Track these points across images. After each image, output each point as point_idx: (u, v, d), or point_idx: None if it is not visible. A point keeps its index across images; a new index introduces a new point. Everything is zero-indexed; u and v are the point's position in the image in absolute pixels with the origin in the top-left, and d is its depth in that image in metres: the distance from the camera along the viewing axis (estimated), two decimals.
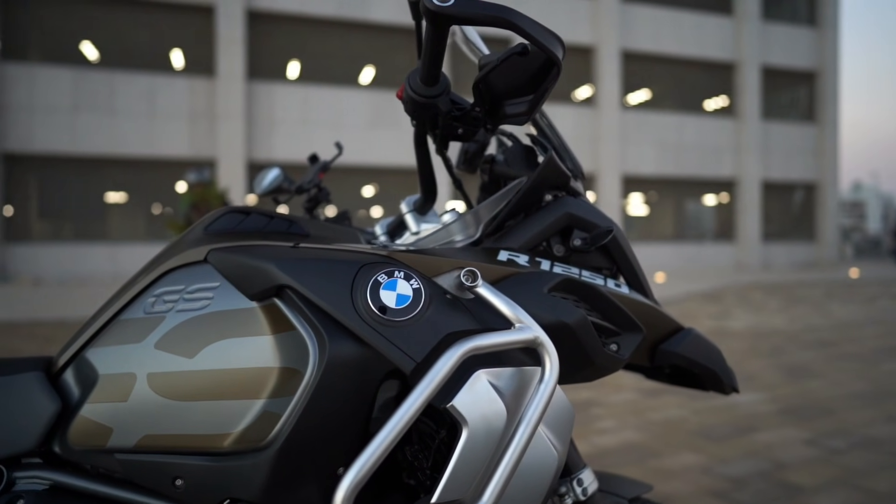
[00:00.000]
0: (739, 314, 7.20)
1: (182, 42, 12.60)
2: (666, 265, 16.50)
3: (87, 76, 11.81)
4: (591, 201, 0.86)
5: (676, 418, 3.05)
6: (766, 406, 3.27)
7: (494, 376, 0.62)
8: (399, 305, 0.62)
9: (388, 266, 0.65)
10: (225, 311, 0.69)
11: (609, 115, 15.67)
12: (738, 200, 17.35)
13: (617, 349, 0.75)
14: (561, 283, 0.71)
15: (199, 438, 0.65)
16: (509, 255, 0.75)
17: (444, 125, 0.73)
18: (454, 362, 0.58)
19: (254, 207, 0.82)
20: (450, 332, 0.62)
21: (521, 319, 0.63)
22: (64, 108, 11.67)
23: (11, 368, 0.74)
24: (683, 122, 16.67)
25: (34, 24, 11.72)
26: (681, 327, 0.82)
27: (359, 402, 0.62)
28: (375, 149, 13.82)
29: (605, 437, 2.74)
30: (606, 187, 15.70)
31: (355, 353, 0.62)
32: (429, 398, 0.57)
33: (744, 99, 17.10)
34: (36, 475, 0.72)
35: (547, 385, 0.62)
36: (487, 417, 0.60)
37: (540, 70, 0.67)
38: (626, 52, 16.25)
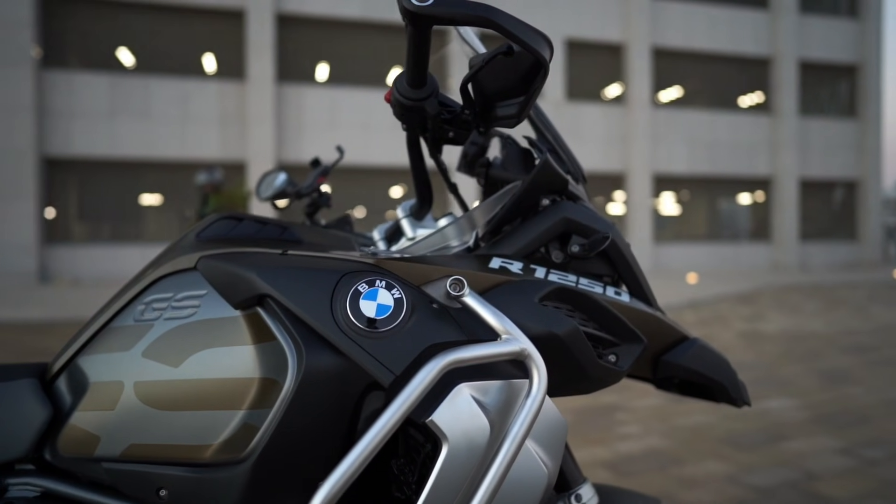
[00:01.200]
0: (774, 317, 7.00)
1: (213, 47, 12.85)
2: (699, 266, 16.15)
3: (123, 82, 12.13)
4: (591, 205, 0.82)
5: (703, 424, 2.96)
6: (799, 413, 3.16)
7: (478, 390, 0.60)
8: (379, 316, 0.60)
9: (370, 275, 0.63)
10: (210, 320, 0.68)
11: (639, 114, 15.42)
12: (775, 199, 16.89)
13: (615, 360, 0.72)
14: (553, 292, 0.68)
15: (183, 449, 0.65)
16: (502, 262, 0.72)
17: (433, 128, 0.71)
18: (434, 375, 0.56)
19: (246, 214, 0.82)
20: (432, 344, 0.60)
21: (507, 330, 0.61)
22: (101, 113, 12.02)
23: (5, 375, 0.75)
24: (716, 120, 16.30)
25: (73, 32, 12.10)
26: (686, 337, 0.78)
27: (339, 415, 0.61)
28: (405, 149, 13.86)
29: (628, 444, 2.68)
30: (637, 187, 15.45)
31: (334, 364, 0.60)
32: (407, 412, 0.55)
33: (780, 95, 16.63)
34: (28, 482, 0.72)
35: (534, 399, 0.60)
36: (469, 433, 0.58)
37: (530, 70, 0.64)
38: (657, 48, 15.96)
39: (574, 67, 15.39)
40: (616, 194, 15.75)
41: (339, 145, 1.27)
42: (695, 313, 7.36)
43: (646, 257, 15.45)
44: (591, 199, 1.50)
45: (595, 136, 15.37)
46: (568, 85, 15.35)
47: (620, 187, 15.81)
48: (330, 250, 0.75)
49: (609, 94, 15.74)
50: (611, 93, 15.75)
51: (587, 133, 15.29)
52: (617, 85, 15.78)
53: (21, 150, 11.45)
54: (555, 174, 0.74)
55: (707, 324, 6.47)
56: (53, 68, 11.92)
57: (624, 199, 15.84)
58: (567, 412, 3.21)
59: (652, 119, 15.74)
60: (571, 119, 15.15)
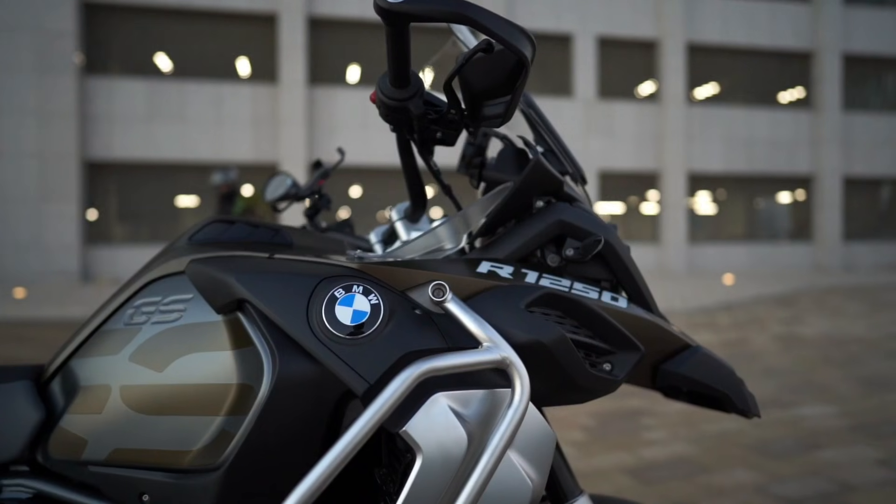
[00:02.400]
0: (813, 320, 6.76)
1: (246, 50, 13.08)
2: (736, 267, 15.74)
3: (161, 87, 12.46)
4: (589, 207, 0.79)
5: (733, 431, 2.87)
6: (836, 421, 3.03)
7: (457, 399, 0.58)
8: (354, 322, 0.59)
9: (348, 280, 0.62)
10: (195, 324, 0.67)
11: (673, 111, 15.11)
12: (816, 197, 16.33)
13: (611, 369, 0.69)
14: (541, 298, 0.66)
15: (164, 454, 0.64)
16: (491, 266, 0.70)
17: (420, 129, 0.69)
18: (408, 384, 0.54)
19: (238, 217, 0.81)
20: (409, 352, 0.58)
21: (489, 338, 0.59)
22: (140, 117, 12.37)
23: (1, 377, 0.76)
24: (754, 116, 15.86)
25: (113, 39, 12.48)
26: (687, 345, 0.75)
27: (314, 423, 0.59)
28: (437, 150, 13.88)
29: (652, 450, 2.61)
30: (671, 186, 15.14)
31: (308, 371, 0.59)
32: (379, 422, 0.53)
33: (822, 89, 16.08)
34: (22, 483, 0.73)
35: (516, 409, 0.57)
36: (444, 444, 0.56)
37: (515, 68, 0.62)
38: (692, 44, 15.62)
39: (606, 65, 15.18)
40: (649, 194, 15.47)
41: (340, 147, 1.27)
42: (729, 315, 7.17)
43: (680, 258, 15.13)
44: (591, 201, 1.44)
45: (628, 134, 15.12)
46: (600, 83, 15.15)
47: (654, 187, 15.52)
48: (321, 254, 0.74)
49: (642, 92, 15.46)
50: (644, 90, 15.47)
51: (620, 132, 15.05)
52: (650, 82, 15.50)
53: (64, 154, 11.87)
54: (547, 174, 0.71)
55: (742, 326, 6.29)
56: (95, 75, 12.31)
57: (658, 198, 15.53)
58: (589, 416, 3.15)
59: (687, 117, 15.40)
60: (604, 118, 14.94)
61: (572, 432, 2.87)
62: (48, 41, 11.87)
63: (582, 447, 2.66)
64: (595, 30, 14.91)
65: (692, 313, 7.44)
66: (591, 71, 14.84)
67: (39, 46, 11.87)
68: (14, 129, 11.76)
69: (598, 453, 2.57)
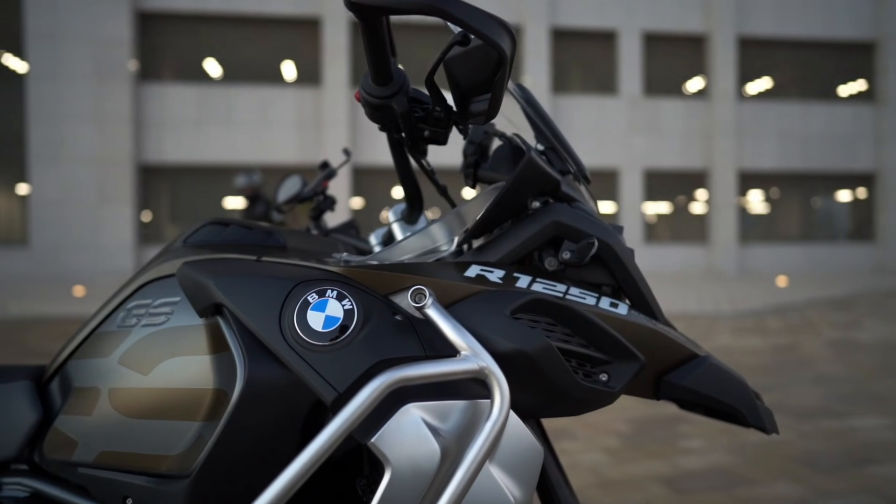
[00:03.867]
0: (872, 324, 6.41)
1: (291, 54, 13.35)
2: (790, 269, 15.11)
3: (209, 91, 12.86)
4: (589, 207, 0.75)
5: (778, 441, 2.74)
6: (892, 433, 2.85)
7: (431, 411, 0.55)
8: (326, 328, 0.57)
9: (324, 284, 0.60)
10: (179, 328, 0.67)
11: (723, 108, 14.62)
12: (880, 195, 15.51)
13: (607, 380, 0.65)
14: (529, 304, 0.62)
15: (146, 458, 0.64)
16: (481, 269, 0.67)
17: (406, 127, 0.67)
18: (378, 393, 0.52)
19: (233, 219, 0.81)
20: (381, 360, 0.56)
21: (467, 346, 0.56)
22: (189, 121, 12.79)
23: (2, 377, 0.78)
24: (811, 111, 15.18)
25: (165, 47, 12.95)
26: (694, 355, 0.70)
27: (285, 431, 0.58)
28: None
29: (689, 459, 2.52)
30: (720, 185, 14.66)
31: (279, 378, 0.57)
32: (346, 432, 0.51)
33: (887, 81, 15.26)
34: (20, 482, 0.74)
35: (494, 422, 0.54)
36: (415, 458, 0.53)
37: (498, 62, 0.59)
38: (743, 37, 15.07)
39: (652, 61, 14.81)
40: (697, 193, 15.01)
41: (346, 147, 1.25)
42: (781, 319, 6.87)
43: (730, 259, 14.62)
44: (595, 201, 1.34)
45: (675, 132, 14.72)
46: (645, 80, 14.80)
47: (702, 186, 15.05)
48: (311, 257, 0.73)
49: (690, 88, 15.02)
50: (692, 87, 15.03)
51: (666, 129, 14.67)
52: (699, 78, 15.04)
53: (120, 158, 12.39)
54: (542, 173, 0.68)
55: (794, 331, 6.01)
56: (148, 81, 12.80)
57: (706, 197, 15.06)
58: (624, 421, 3.06)
59: (737, 113, 14.88)
60: (649, 115, 14.59)
61: (606, 438, 2.80)
62: (105, 50, 12.42)
63: (616, 454, 2.58)
64: (640, 26, 14.57)
65: (741, 316, 7.17)
66: (636, 68, 14.52)
67: (97, 55, 12.43)
68: (74, 134, 12.35)
69: (632, 461, 2.49)
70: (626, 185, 14.58)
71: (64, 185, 12.33)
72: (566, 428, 2.97)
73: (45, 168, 12.29)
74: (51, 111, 12.31)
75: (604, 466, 2.43)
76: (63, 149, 12.34)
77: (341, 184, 13.02)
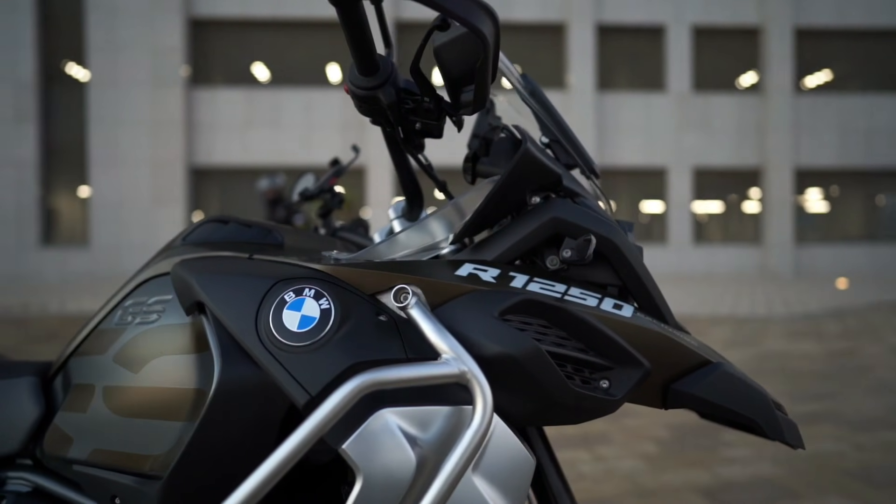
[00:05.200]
0: None
1: (335, 57, 13.56)
2: (851, 270, 14.37)
3: (257, 95, 13.19)
4: (594, 203, 0.71)
5: (831, 453, 2.58)
6: None
7: (408, 417, 0.52)
8: (302, 328, 0.54)
9: (302, 282, 0.57)
10: (169, 326, 0.66)
11: (778, 102, 14.04)
12: None
13: (608, 387, 0.61)
14: (520, 305, 0.59)
15: (133, 458, 0.63)
16: (474, 268, 0.63)
17: (397, 120, 0.64)
18: (349, 397, 0.49)
19: (233, 217, 0.80)
20: (358, 362, 0.53)
21: (448, 349, 0.53)
22: (237, 124, 13.16)
23: (9, 372, 0.79)
24: (875, 105, 14.39)
25: (216, 52, 13.36)
26: (706, 361, 0.64)
27: (260, 435, 0.56)
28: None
29: (731, 469, 2.40)
30: (775, 182, 14.08)
31: (253, 379, 0.55)
32: (316, 437, 0.49)
33: None
34: (23, 477, 0.75)
35: (475, 430, 0.51)
36: (388, 466, 0.50)
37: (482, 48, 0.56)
38: (800, 29, 14.43)
39: (702, 56, 14.36)
40: (751, 191, 14.46)
41: (355, 144, 1.23)
42: (839, 323, 6.53)
43: (786, 260, 14.02)
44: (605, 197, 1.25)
45: (726, 128, 14.23)
46: (695, 75, 14.35)
47: (756, 184, 14.49)
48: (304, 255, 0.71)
49: (743, 83, 14.49)
50: (745, 81, 14.49)
51: (717, 126, 14.19)
52: (752, 73, 14.49)
53: (173, 160, 12.85)
54: (539, 166, 0.64)
55: (853, 335, 5.70)
56: (199, 86, 13.23)
57: (759, 196, 14.49)
58: (664, 427, 2.95)
59: (794, 107, 14.26)
60: (699, 112, 14.14)
61: (644, 444, 2.70)
62: (159, 57, 12.91)
63: (654, 461, 2.49)
64: (690, 19, 14.14)
65: (795, 320, 6.85)
66: (685, 63, 14.10)
67: (152, 62, 12.93)
68: (131, 138, 12.89)
69: (670, 469, 2.40)
70: (674, 184, 14.18)
71: (121, 187, 12.88)
72: (602, 432, 2.89)
73: (104, 171, 12.87)
74: (109, 117, 12.89)
75: (640, 474, 2.35)
76: (120, 153, 12.89)
77: (383, 185, 13.13)
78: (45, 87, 13.22)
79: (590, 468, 2.42)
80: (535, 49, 14.15)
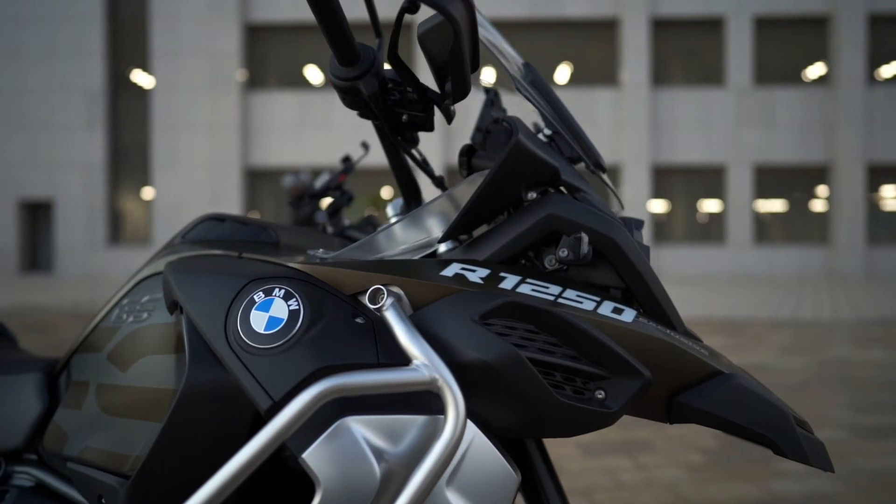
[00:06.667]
0: None
1: None
2: None
3: (309, 97, 13.49)
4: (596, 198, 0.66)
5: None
6: None
7: (374, 426, 0.49)
8: (268, 330, 0.52)
9: (273, 282, 0.55)
10: (155, 325, 0.66)
11: (849, 94, 13.26)
12: None
13: (603, 398, 0.56)
14: (503, 308, 0.54)
15: (116, 458, 0.63)
16: (461, 268, 0.59)
17: (381, 112, 0.61)
18: (310, 404, 0.47)
19: (230, 214, 0.79)
20: (325, 366, 0.51)
21: (420, 355, 0.49)
22: (291, 126, 13.49)
23: (17, 368, 0.80)
24: None
25: (270, 56, 13.74)
26: (716, 372, 0.58)
27: (225, 438, 0.54)
28: None
29: (784, 483, 2.26)
30: (845, 179, 13.31)
31: (220, 382, 0.53)
32: (275, 445, 0.46)
33: None
34: (27, 472, 0.76)
35: (447, 442, 0.47)
36: (350, 478, 0.47)
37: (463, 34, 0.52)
38: (874, 15, 13.59)
39: (764, 48, 13.73)
40: (818, 189, 13.73)
41: (365, 141, 1.21)
42: None
43: (856, 262, 13.24)
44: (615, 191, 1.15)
45: (791, 123, 13.56)
46: (756, 69, 13.74)
47: (823, 181, 13.75)
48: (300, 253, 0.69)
49: (809, 75, 13.77)
50: (812, 73, 13.77)
51: (780, 121, 13.54)
52: (819, 64, 13.75)
53: (229, 162, 13.30)
54: (533, 158, 0.59)
55: None
56: (254, 90, 13.64)
57: (827, 194, 13.74)
58: (711, 435, 2.81)
59: (866, 99, 13.44)
60: (761, 106, 13.53)
61: (689, 453, 2.58)
62: (216, 62, 13.39)
63: (699, 472, 2.37)
64: (751, 10, 13.56)
65: (864, 325, 6.44)
66: (746, 55, 13.53)
67: (210, 67, 13.42)
68: (190, 141, 13.41)
69: (716, 481, 2.28)
70: (733, 181, 13.63)
71: (181, 188, 13.42)
72: (646, 439, 2.78)
73: (165, 173, 13.44)
74: (171, 121, 13.45)
75: (684, 485, 2.24)
76: (180, 155, 13.43)
77: None
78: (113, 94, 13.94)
79: (630, 477, 2.32)
80: (586, 46, 13.88)
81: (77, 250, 13.67)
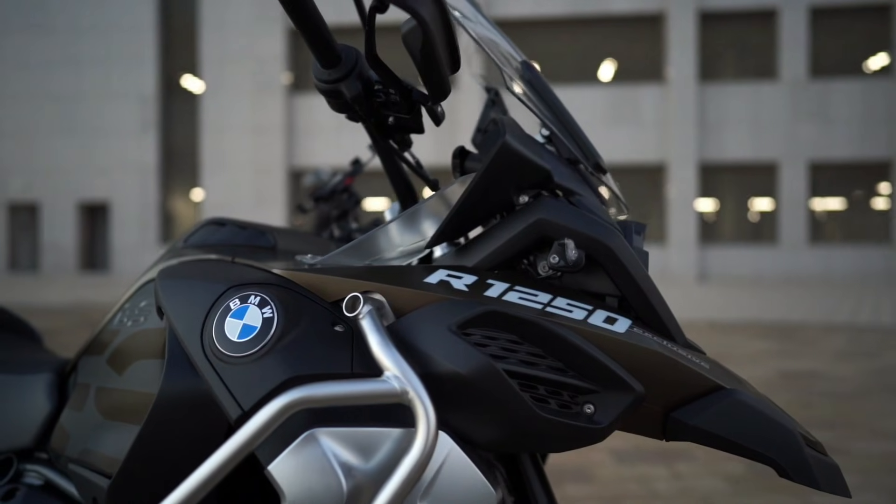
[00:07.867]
0: None
1: None
2: None
3: None
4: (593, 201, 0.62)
5: None
6: None
7: (343, 438, 0.48)
8: (242, 338, 0.51)
9: (250, 289, 0.54)
10: (148, 330, 0.66)
11: None
12: None
13: (592, 413, 0.53)
14: (483, 317, 0.52)
15: (108, 461, 0.64)
16: (447, 275, 0.57)
17: (367, 114, 0.60)
18: (276, 414, 0.46)
19: (230, 219, 0.79)
20: (297, 376, 0.49)
21: (391, 365, 0.48)
22: (332, 127, 13.70)
23: (31, 368, 0.83)
24: None
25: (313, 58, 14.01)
26: (717, 386, 0.54)
27: (199, 446, 0.53)
28: (612, 147, 13.29)
29: (829, 498, 2.14)
30: None
31: (194, 389, 0.53)
32: (242, 455, 0.46)
33: None
34: (37, 470, 0.78)
35: (417, 456, 0.46)
36: (315, 492, 0.46)
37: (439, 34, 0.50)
38: None
39: (820, 39, 13.14)
40: (879, 187, 13.05)
41: (371, 144, 1.19)
42: None
43: None
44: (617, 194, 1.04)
45: (849, 118, 12.94)
46: (811, 61, 13.16)
47: (885, 178, 13.06)
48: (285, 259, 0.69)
49: (869, 67, 13.11)
50: (872, 65, 13.10)
51: (838, 115, 12.94)
52: (881, 55, 13.07)
53: (273, 164, 13.61)
54: (521, 161, 0.57)
55: None
56: (298, 93, 13.90)
57: (889, 192, 13.05)
58: None
59: None
60: (816, 101, 12.96)
61: (729, 463, 2.48)
62: (261, 65, 13.72)
63: (738, 483, 2.28)
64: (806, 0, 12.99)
65: None
66: (800, 47, 12.98)
67: (255, 70, 13.77)
68: (235, 143, 13.79)
69: (755, 492, 2.18)
70: (786, 179, 13.10)
71: (228, 189, 13.81)
72: (685, 447, 2.69)
73: (213, 175, 13.85)
74: (218, 124, 13.86)
75: (721, 497, 2.16)
76: (228, 157, 13.83)
77: None
78: (165, 99, 14.46)
79: (665, 486, 2.25)
80: (630, 42, 13.59)
81: (131, 250, 14.24)
